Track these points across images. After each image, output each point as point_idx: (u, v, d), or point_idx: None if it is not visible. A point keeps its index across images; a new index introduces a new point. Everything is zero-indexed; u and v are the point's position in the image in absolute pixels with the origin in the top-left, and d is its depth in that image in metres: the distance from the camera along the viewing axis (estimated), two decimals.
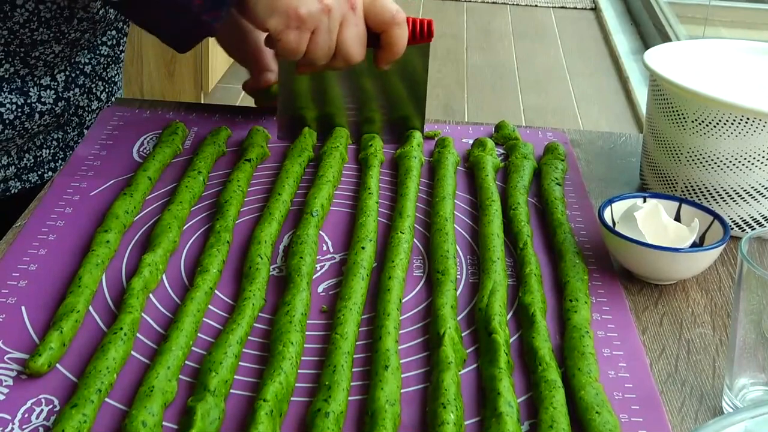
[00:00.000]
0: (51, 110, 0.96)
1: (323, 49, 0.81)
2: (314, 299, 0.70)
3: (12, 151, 0.96)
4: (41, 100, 0.94)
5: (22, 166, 0.98)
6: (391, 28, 0.83)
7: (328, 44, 0.81)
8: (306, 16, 0.78)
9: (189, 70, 2.95)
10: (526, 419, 0.59)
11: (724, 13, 3.98)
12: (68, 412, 0.56)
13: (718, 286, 0.76)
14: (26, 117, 0.94)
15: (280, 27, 0.79)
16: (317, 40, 0.80)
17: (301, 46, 0.80)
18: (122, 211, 0.77)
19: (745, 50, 0.93)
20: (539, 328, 0.66)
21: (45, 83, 0.94)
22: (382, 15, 0.83)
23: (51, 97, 0.95)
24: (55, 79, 0.96)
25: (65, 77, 0.97)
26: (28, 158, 0.99)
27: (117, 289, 0.70)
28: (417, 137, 0.93)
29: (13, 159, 0.97)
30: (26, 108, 0.93)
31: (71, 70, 0.97)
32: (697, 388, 0.65)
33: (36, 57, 0.91)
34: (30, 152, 0.99)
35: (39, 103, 0.94)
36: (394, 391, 0.59)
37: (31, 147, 0.99)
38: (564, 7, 4.55)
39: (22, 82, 0.92)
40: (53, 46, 0.92)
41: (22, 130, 0.95)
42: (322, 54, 0.81)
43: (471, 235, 0.80)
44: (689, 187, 0.84)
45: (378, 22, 0.83)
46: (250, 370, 0.63)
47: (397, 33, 0.84)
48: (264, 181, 0.87)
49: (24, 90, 0.93)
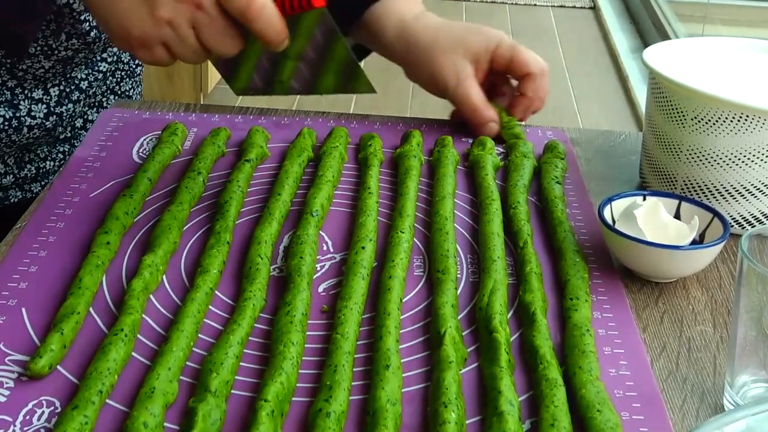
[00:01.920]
0: (41, 124, 0.95)
1: (187, 55, 0.72)
2: (315, 299, 0.70)
3: (8, 160, 0.96)
4: (31, 113, 0.93)
5: (22, 176, 0.98)
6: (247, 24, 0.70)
7: (189, 51, 0.72)
8: (143, 36, 0.71)
9: (188, 71, 2.95)
10: (527, 418, 0.59)
11: (723, 11, 3.97)
12: (69, 414, 0.56)
13: (718, 284, 0.76)
14: (13, 130, 0.93)
15: (126, 48, 0.72)
16: (174, 50, 0.72)
17: (158, 59, 0.72)
18: (122, 212, 0.77)
19: (744, 48, 0.93)
20: (540, 326, 0.66)
21: (37, 96, 0.94)
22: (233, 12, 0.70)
23: (42, 111, 0.94)
24: (48, 93, 0.95)
25: (59, 92, 0.96)
26: (29, 169, 0.99)
27: (117, 291, 0.70)
28: (416, 136, 0.93)
29: (11, 168, 0.97)
30: (14, 121, 0.92)
31: (66, 84, 0.96)
32: (698, 386, 0.64)
33: (24, 70, 0.91)
34: (32, 163, 0.99)
35: (29, 117, 0.93)
36: (395, 391, 0.59)
37: (34, 159, 0.98)
38: (563, 6, 4.54)
39: (12, 95, 0.92)
40: (42, 61, 0.91)
41: (9, 142, 0.94)
42: (191, 59, 0.73)
43: (471, 234, 0.80)
44: (689, 184, 0.84)
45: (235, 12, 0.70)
46: (251, 371, 0.63)
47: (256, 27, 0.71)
48: (264, 182, 0.87)
49: (14, 103, 0.92)
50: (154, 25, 0.70)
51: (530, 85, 0.96)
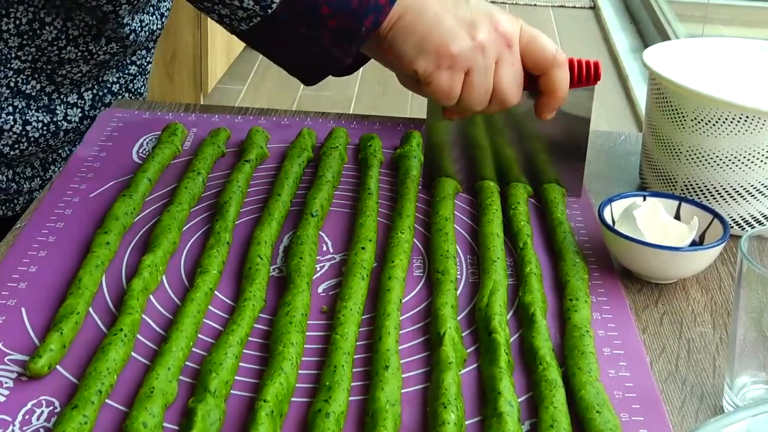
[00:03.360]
0: (76, 128, 0.96)
1: (479, 91, 0.73)
2: (314, 300, 0.70)
3: (35, 163, 0.97)
4: (67, 118, 0.94)
5: (47, 178, 0.99)
6: (551, 69, 0.75)
7: (484, 86, 0.73)
8: (458, 55, 0.71)
9: (188, 72, 2.95)
10: (526, 419, 0.59)
11: (723, 11, 3.98)
12: (69, 414, 0.56)
13: (718, 285, 0.76)
14: (51, 135, 0.94)
15: (430, 68, 0.72)
16: (472, 81, 0.72)
17: (454, 88, 0.72)
18: (122, 212, 0.77)
19: (744, 48, 0.93)
20: (539, 327, 0.66)
21: (72, 101, 0.94)
22: (542, 55, 0.74)
23: (77, 116, 0.95)
24: (83, 97, 0.95)
25: (92, 96, 0.96)
26: (53, 170, 0.99)
27: (117, 291, 0.70)
28: (416, 137, 0.93)
29: (37, 171, 0.97)
30: (52, 126, 0.93)
31: (99, 88, 0.97)
32: (698, 387, 0.64)
33: (63, 75, 0.91)
34: (56, 164, 0.99)
35: (65, 122, 0.94)
36: (395, 392, 0.59)
37: (56, 159, 0.99)
38: (563, 6, 4.55)
39: (49, 100, 0.92)
40: (81, 66, 0.92)
41: (46, 147, 0.95)
42: (478, 97, 0.73)
43: (471, 234, 0.80)
44: (689, 185, 0.84)
45: (537, 64, 0.75)
46: (251, 371, 0.63)
47: (559, 75, 0.75)
48: (263, 182, 0.87)
49: (51, 108, 0.92)
50: (471, 47, 0.71)
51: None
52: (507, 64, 0.73)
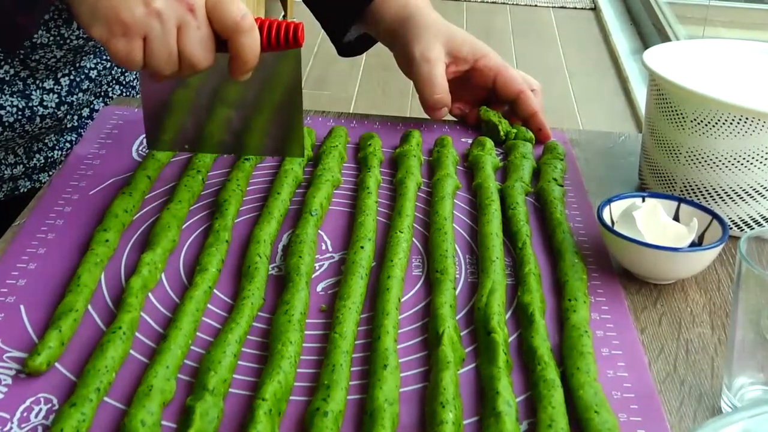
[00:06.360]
0: (53, 114, 0.96)
1: (162, 57, 0.72)
2: (313, 298, 0.70)
3: (18, 150, 0.97)
4: (43, 103, 0.94)
5: (31, 166, 0.98)
6: (235, 35, 0.72)
7: (166, 52, 0.72)
8: (130, 22, 0.70)
9: None
10: (524, 418, 0.59)
11: (724, 13, 3.98)
12: (67, 411, 0.56)
13: (716, 286, 0.76)
14: (26, 120, 0.93)
15: (105, 35, 0.71)
16: (152, 47, 0.71)
17: (133, 54, 0.71)
18: (121, 210, 0.77)
19: (744, 50, 0.93)
20: (538, 327, 0.66)
21: (48, 86, 0.94)
22: (223, 21, 0.72)
23: (54, 101, 0.95)
24: (59, 82, 0.95)
25: (69, 81, 0.96)
26: (38, 158, 0.99)
27: (116, 288, 0.70)
28: (416, 136, 0.94)
29: (21, 158, 0.97)
30: (27, 111, 0.93)
31: (76, 74, 0.97)
32: (696, 388, 0.65)
33: (36, 60, 0.91)
34: (41, 153, 0.99)
35: (41, 107, 0.94)
36: (393, 391, 0.59)
37: (42, 148, 0.99)
38: (564, 7, 4.55)
39: (24, 85, 0.92)
40: (54, 51, 0.92)
41: (23, 132, 0.95)
42: (161, 62, 0.72)
43: (470, 234, 0.80)
44: (688, 186, 0.84)
45: (221, 29, 0.72)
46: (249, 369, 0.63)
47: (242, 41, 0.72)
48: (263, 180, 0.87)
49: (26, 93, 0.92)
50: (145, 14, 0.70)
51: (520, 106, 0.97)
52: (191, 29, 0.72)
